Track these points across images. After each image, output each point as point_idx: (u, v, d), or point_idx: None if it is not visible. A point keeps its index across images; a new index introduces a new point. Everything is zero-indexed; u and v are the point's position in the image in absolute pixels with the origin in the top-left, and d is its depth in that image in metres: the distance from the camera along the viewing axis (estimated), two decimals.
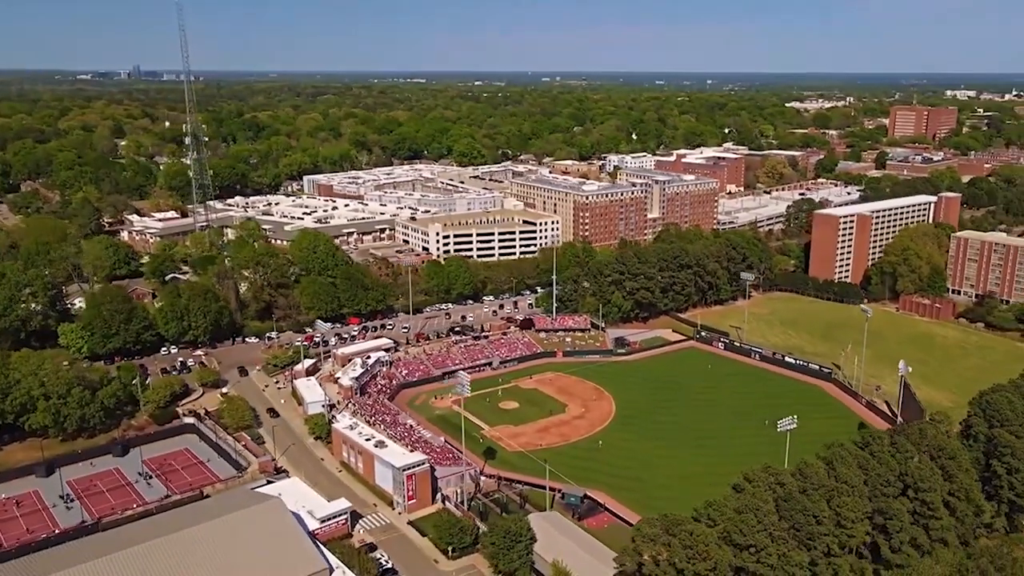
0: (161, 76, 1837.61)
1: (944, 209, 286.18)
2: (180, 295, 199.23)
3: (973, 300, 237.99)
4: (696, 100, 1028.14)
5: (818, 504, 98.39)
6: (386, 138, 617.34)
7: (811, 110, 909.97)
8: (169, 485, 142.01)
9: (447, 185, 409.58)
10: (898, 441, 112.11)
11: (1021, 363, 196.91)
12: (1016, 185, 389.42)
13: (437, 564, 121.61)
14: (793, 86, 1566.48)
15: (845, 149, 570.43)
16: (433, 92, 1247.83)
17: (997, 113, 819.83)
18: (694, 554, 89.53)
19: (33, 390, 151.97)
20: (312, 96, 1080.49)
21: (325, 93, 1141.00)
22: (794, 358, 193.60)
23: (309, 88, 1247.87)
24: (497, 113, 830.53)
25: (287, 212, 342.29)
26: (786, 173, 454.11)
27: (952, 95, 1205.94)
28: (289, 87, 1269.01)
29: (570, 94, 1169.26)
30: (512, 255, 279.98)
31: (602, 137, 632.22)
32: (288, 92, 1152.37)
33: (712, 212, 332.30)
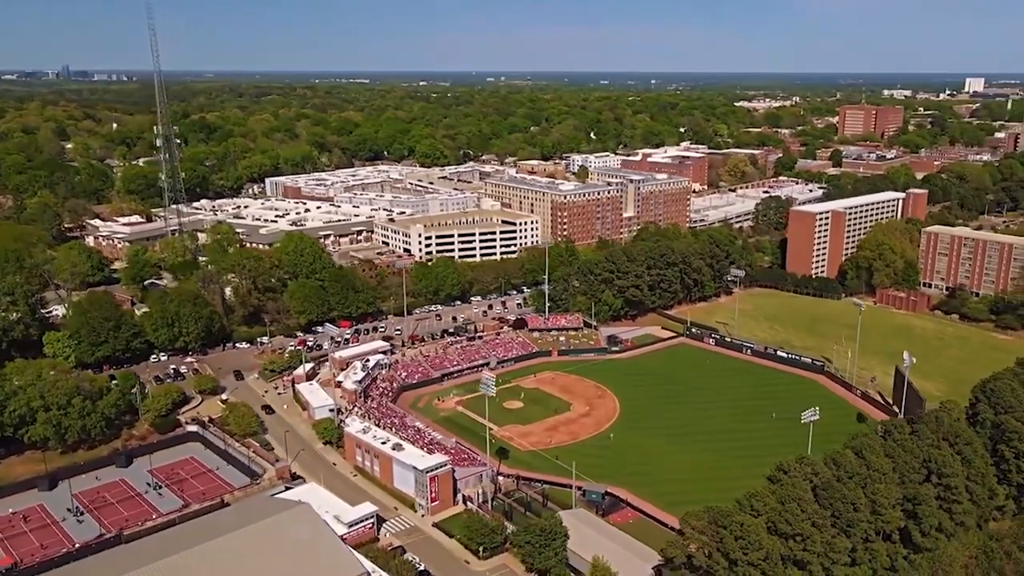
0: (92, 76, 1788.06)
1: (912, 205, 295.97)
2: (169, 301, 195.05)
3: (944, 293, 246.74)
4: (647, 99, 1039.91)
5: (855, 492, 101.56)
6: (345, 139, 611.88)
7: (760, 109, 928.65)
8: (181, 495, 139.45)
9: (416, 186, 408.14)
10: (919, 429, 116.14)
11: (998, 352, 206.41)
12: (968, 181, 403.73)
13: (469, 565, 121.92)
14: (736, 86, 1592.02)
15: (799, 148, 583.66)
16: (380, 92, 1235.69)
17: (937, 112, 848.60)
18: (746, 544, 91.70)
19: (33, 401, 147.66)
20: (256, 97, 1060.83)
21: (268, 94, 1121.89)
22: (786, 352, 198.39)
23: (251, 89, 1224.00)
24: (451, 113, 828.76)
25: (259, 215, 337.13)
26: (748, 171, 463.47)
27: (890, 94, 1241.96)
28: (230, 87, 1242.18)
29: (520, 94, 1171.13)
30: (493, 255, 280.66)
31: (562, 137, 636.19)
32: (230, 92, 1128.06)
33: (685, 210, 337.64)
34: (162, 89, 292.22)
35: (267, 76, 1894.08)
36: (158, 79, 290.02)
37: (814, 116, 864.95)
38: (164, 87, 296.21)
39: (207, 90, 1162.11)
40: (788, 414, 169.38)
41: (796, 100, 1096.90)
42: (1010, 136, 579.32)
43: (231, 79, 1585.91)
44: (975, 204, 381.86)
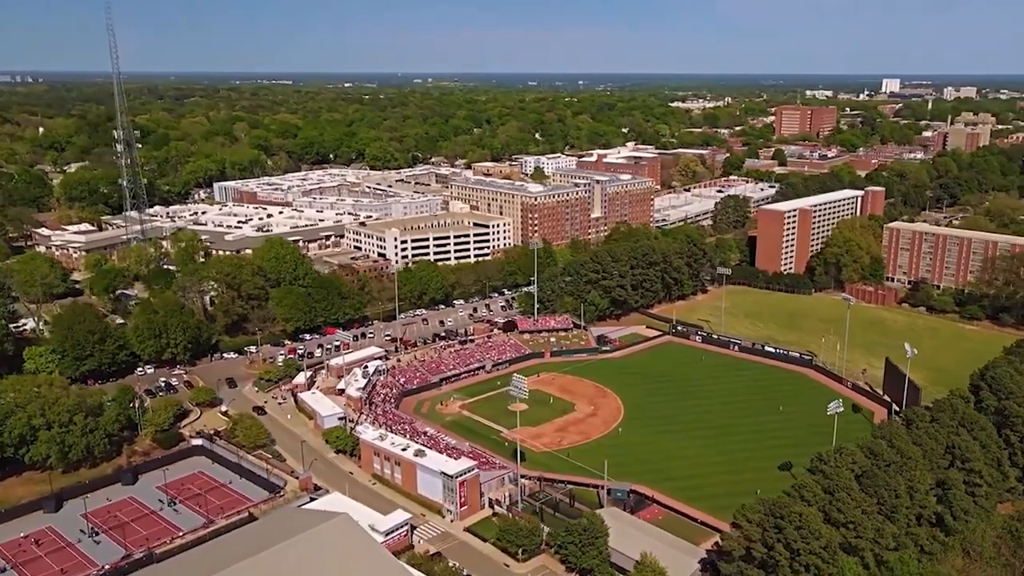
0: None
1: (870, 202, 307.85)
2: (155, 312, 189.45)
3: (907, 286, 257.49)
4: (585, 100, 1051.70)
5: (895, 479, 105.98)
6: (290, 142, 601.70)
7: (695, 110, 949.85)
8: (200, 511, 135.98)
9: (376, 190, 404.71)
10: (938, 417, 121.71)
11: (967, 342, 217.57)
12: (908, 178, 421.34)
13: (509, 568, 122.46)
14: (664, 87, 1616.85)
15: (741, 147, 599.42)
16: (309, 94, 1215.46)
17: (864, 112, 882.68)
18: (807, 534, 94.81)
19: (34, 419, 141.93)
20: (177, 99, 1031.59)
21: (190, 95, 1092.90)
22: (774, 347, 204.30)
23: (170, 90, 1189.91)
24: (390, 115, 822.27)
25: (220, 221, 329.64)
26: (699, 171, 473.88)
27: (812, 95, 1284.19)
28: (148, 89, 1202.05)
29: (454, 96, 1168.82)
30: (467, 258, 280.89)
31: (510, 138, 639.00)
32: (149, 95, 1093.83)
33: (649, 210, 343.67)
34: (121, 91, 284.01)
35: (182, 77, 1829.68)
36: (117, 81, 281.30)
37: (749, 116, 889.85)
38: (72, 88, 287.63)
39: (124, 91, 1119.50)
40: (789, 408, 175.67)
41: (729, 100, 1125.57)
42: (939, 135, 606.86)
43: (144, 79, 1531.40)
44: (917, 201, 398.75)
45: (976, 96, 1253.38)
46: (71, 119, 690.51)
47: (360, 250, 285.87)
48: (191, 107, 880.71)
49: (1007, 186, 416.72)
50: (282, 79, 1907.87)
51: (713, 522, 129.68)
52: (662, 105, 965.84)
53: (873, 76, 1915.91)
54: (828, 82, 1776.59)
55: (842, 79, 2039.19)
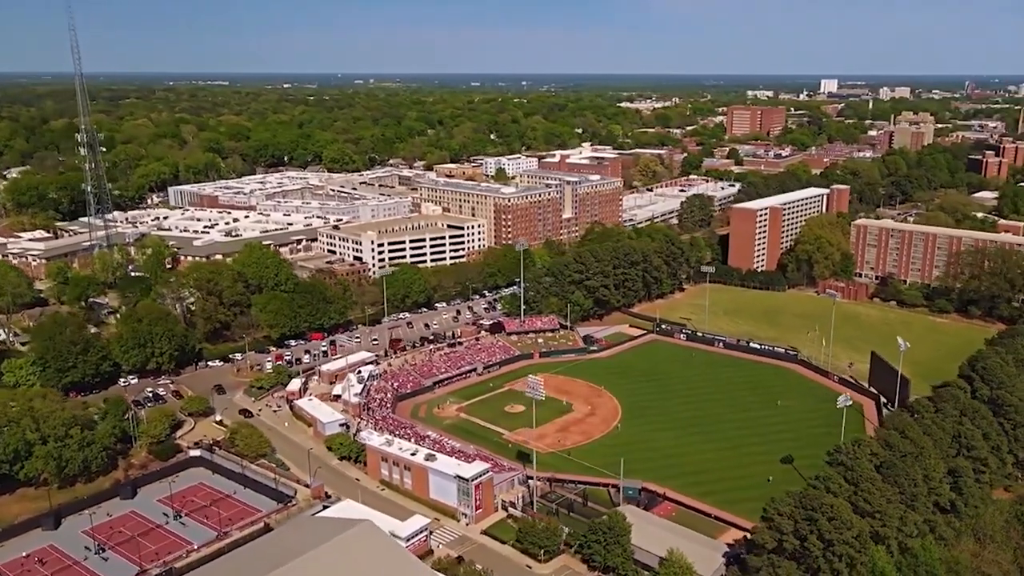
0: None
1: (836, 200, 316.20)
2: (139, 320, 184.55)
3: (875, 282, 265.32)
4: (535, 101, 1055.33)
5: (913, 468, 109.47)
6: (243, 145, 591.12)
7: (644, 110, 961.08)
8: (208, 523, 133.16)
9: (340, 192, 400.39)
10: (942, 407, 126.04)
11: (939, 335, 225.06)
12: (861, 176, 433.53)
13: (531, 569, 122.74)
14: (608, 87, 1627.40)
15: (696, 147, 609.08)
16: (251, 95, 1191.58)
17: (808, 111, 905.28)
18: (839, 524, 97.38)
19: (28, 434, 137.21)
20: (112, 100, 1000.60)
21: (124, 97, 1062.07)
22: (759, 343, 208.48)
23: (103, 91, 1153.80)
24: (339, 116, 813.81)
25: (184, 226, 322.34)
26: (658, 171, 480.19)
27: (753, 95, 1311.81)
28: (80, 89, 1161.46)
29: (399, 97, 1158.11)
30: (443, 260, 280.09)
31: (467, 140, 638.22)
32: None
33: (618, 210, 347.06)
34: (84, 92, 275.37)
35: (111, 78, 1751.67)
36: (80, 81, 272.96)
37: (699, 116, 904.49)
38: (3, 90, 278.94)
39: (52, 93, 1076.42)
40: (785, 402, 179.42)
41: (677, 100, 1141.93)
42: (885, 134, 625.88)
43: (68, 81, 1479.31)
44: (871, 198, 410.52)
45: (910, 96, 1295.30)
46: (3, 123, 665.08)
47: (335, 254, 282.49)
48: (129, 109, 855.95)
49: (955, 183, 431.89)
50: (216, 80, 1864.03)
51: (727, 517, 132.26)
52: (611, 105, 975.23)
53: (811, 77, 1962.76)
54: (768, 82, 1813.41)
55: (781, 79, 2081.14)
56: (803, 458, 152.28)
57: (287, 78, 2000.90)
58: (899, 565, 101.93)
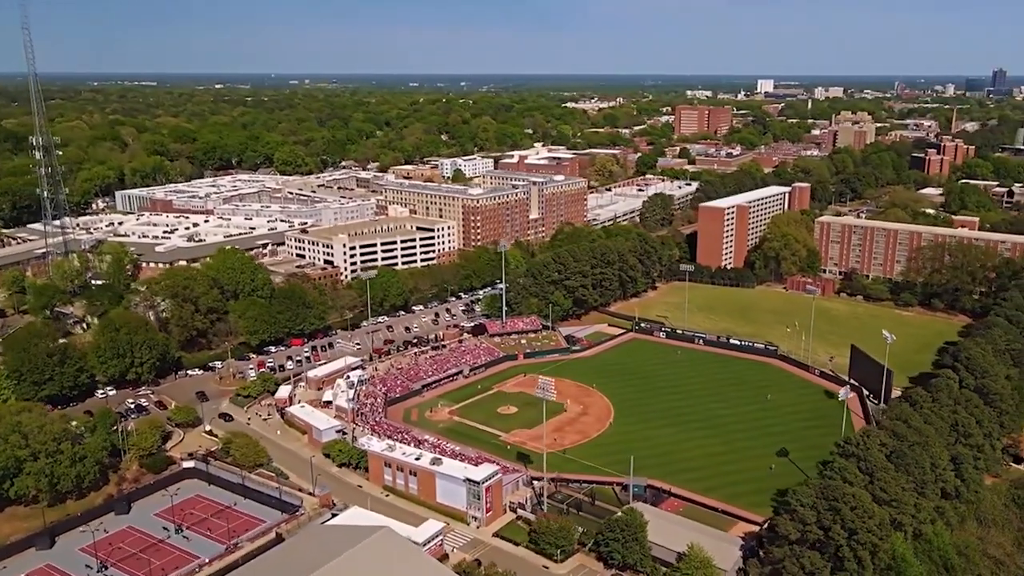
0: None
1: (798, 198, 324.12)
2: (118, 329, 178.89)
3: (839, 277, 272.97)
4: (481, 102, 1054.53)
5: (921, 456, 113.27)
6: (190, 147, 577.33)
7: (590, 110, 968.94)
8: (213, 536, 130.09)
9: (300, 195, 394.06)
10: (938, 397, 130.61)
11: (906, 327, 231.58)
12: (811, 174, 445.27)
13: (548, 569, 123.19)
14: (549, 88, 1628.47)
15: (647, 147, 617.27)
16: (183, 96, 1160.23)
17: (751, 111, 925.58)
18: (862, 513, 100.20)
19: (18, 450, 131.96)
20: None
21: (50, 98, 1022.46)
22: (738, 339, 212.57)
23: (24, 92, 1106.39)
24: (282, 118, 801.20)
25: (143, 231, 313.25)
26: (615, 171, 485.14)
27: (693, 95, 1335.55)
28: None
29: (340, 98, 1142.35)
30: (413, 263, 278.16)
31: (419, 141, 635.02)
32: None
33: (583, 210, 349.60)
34: (39, 93, 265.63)
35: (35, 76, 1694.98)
36: (34, 82, 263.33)
37: (645, 116, 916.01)
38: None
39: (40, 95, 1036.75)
40: (771, 396, 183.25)
41: (621, 100, 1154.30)
42: (829, 133, 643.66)
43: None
44: (823, 195, 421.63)
45: (844, 96, 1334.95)
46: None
47: (304, 258, 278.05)
48: (57, 110, 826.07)
49: (902, 180, 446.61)
50: (141, 80, 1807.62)
51: (734, 511, 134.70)
52: (558, 106, 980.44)
53: (747, 77, 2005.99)
54: (706, 82, 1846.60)
55: (718, 79, 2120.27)
56: (796, 451, 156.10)
57: (217, 78, 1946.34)
58: (914, 550, 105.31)
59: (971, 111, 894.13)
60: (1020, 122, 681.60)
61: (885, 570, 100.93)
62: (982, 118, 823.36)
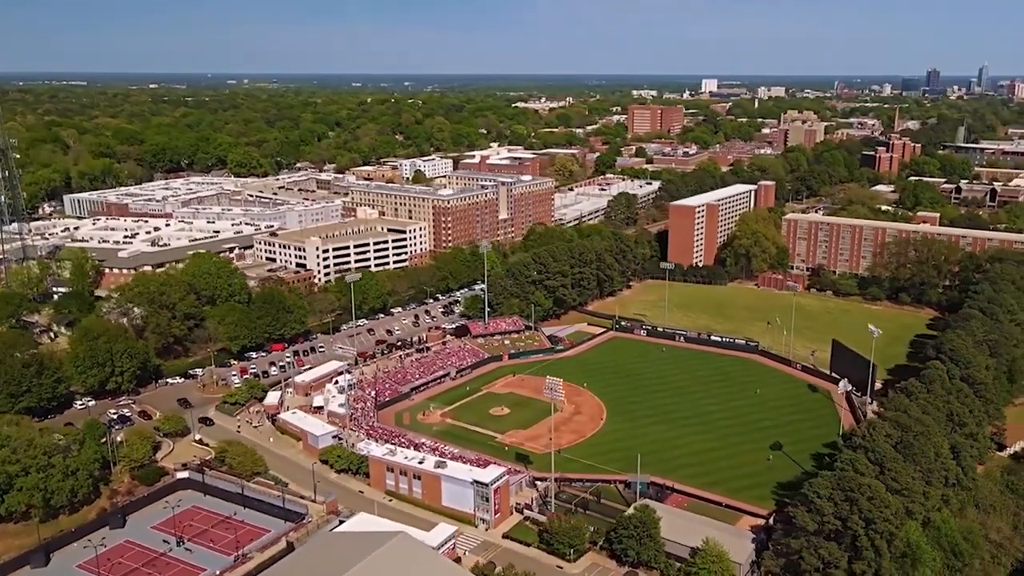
0: None
1: (763, 196, 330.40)
2: (96, 338, 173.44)
3: (806, 273, 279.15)
4: (431, 102, 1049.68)
5: (926, 446, 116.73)
6: (137, 149, 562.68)
7: (541, 111, 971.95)
8: (217, 548, 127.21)
9: (260, 198, 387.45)
10: (932, 388, 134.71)
11: (877, 320, 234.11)
12: (768, 173, 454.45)
13: (563, 569, 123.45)
14: (495, 88, 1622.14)
15: (603, 146, 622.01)
16: (118, 96, 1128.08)
17: (698, 110, 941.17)
18: (879, 503, 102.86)
19: (9, 466, 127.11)
20: None
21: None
22: (719, 336, 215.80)
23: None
24: (228, 119, 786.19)
25: (102, 236, 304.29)
26: (575, 171, 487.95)
27: (638, 95, 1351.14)
28: None
29: (286, 98, 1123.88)
30: (386, 265, 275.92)
31: (374, 142, 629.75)
32: None
33: (551, 210, 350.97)
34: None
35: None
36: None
37: (596, 115, 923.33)
38: None
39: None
40: (759, 391, 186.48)
41: (571, 100, 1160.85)
42: (780, 132, 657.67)
43: None
44: (780, 193, 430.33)
45: (786, 95, 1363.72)
46: None
47: (274, 261, 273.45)
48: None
49: (855, 178, 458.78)
50: (69, 80, 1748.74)
51: (738, 504, 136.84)
52: (508, 106, 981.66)
53: (691, 77, 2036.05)
54: (651, 82, 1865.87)
55: (662, 79, 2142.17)
56: (788, 444, 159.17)
57: (150, 78, 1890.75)
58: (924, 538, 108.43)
59: (911, 110, 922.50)
60: (959, 121, 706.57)
61: (900, 558, 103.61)
62: (921, 117, 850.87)
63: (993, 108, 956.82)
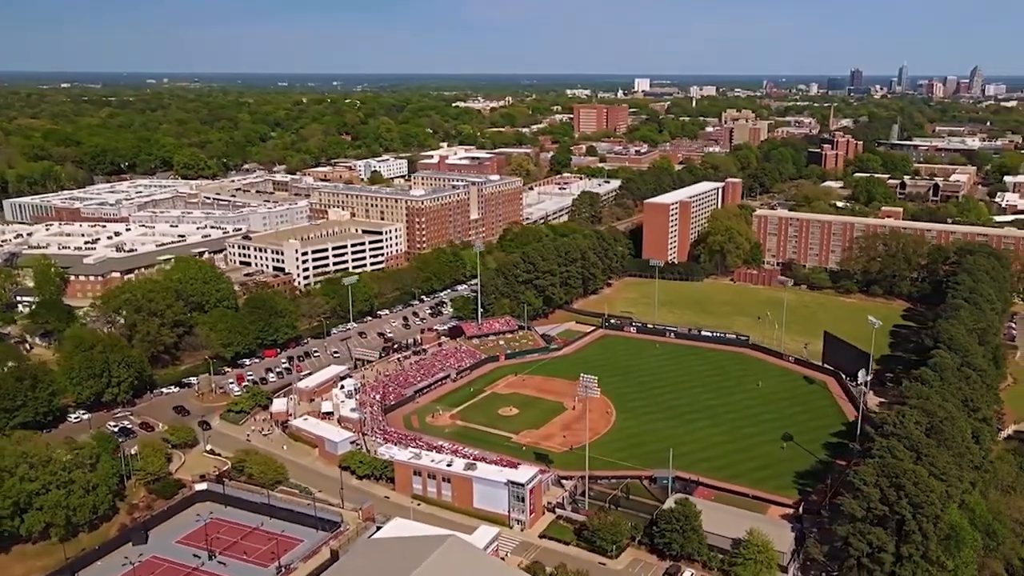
0: None
1: (731, 193, 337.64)
2: (91, 347, 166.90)
3: (777, 268, 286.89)
4: (371, 102, 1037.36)
5: (955, 430, 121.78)
6: (75, 151, 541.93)
7: (483, 110, 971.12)
8: (252, 560, 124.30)
9: (218, 200, 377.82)
10: (944, 376, 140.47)
11: (852, 312, 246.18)
12: (720, 170, 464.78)
13: (606, 566, 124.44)
14: (427, 87, 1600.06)
15: (552, 145, 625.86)
16: (33, 96, 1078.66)
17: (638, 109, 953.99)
18: (924, 487, 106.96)
19: (29, 483, 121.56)
20: None
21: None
22: (710, 331, 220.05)
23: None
24: (161, 119, 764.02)
25: (60, 243, 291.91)
26: (532, 170, 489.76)
27: (573, 94, 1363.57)
28: None
29: (216, 98, 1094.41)
30: (363, 267, 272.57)
31: (323, 142, 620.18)
32: None
33: (519, 210, 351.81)
34: None
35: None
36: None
37: (539, 115, 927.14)
38: None
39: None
40: (761, 384, 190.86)
41: (510, 100, 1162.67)
42: (725, 130, 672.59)
43: None
44: None
45: (717, 94, 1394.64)
46: None
47: (249, 265, 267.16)
48: None
49: (805, 175, 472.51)
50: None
51: (763, 495, 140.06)
52: (449, 106, 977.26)
53: (622, 76, 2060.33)
54: (584, 81, 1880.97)
55: (593, 78, 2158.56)
56: (796, 434, 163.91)
57: (61, 77, 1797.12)
58: None
59: (843, 109, 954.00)
60: (890, 119, 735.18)
61: (944, 540, 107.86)
62: (852, 115, 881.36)
63: (916, 107, 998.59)
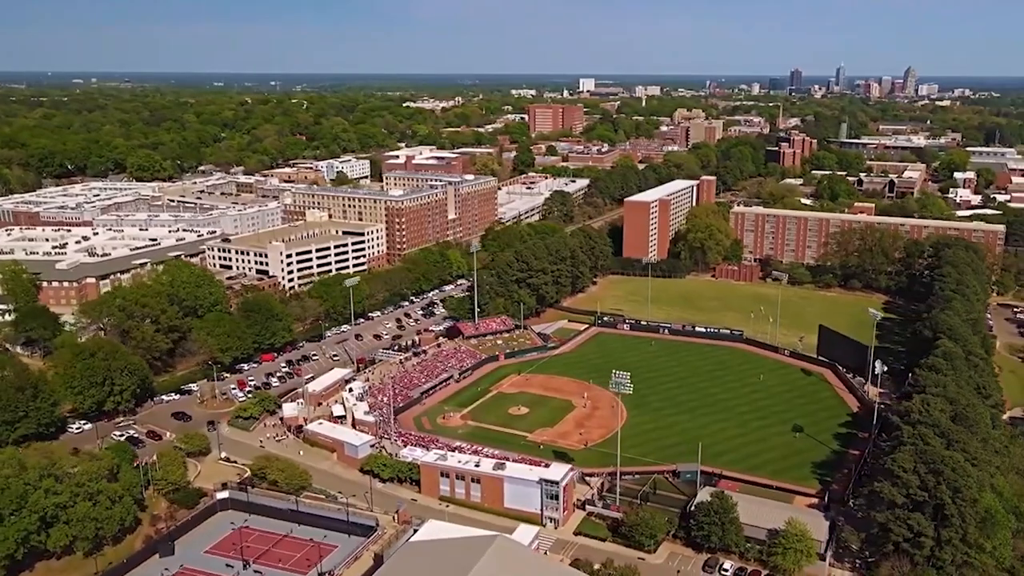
0: None
1: (706, 190, 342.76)
2: (92, 355, 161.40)
3: (755, 264, 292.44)
4: (319, 102, 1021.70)
5: (978, 416, 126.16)
6: (20, 153, 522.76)
7: (437, 111, 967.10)
8: (289, 568, 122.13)
9: (183, 202, 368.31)
10: (955, 365, 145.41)
11: (835, 305, 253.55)
12: (683, 168, 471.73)
13: (645, 560, 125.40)
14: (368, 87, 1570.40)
15: (511, 144, 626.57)
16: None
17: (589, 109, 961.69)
18: (962, 473, 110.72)
19: (57, 497, 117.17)
20: None
21: None
22: (704, 327, 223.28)
23: None
24: (101, 120, 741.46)
25: (25, 248, 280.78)
26: (496, 169, 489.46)
27: (518, 94, 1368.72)
28: None
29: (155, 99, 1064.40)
30: (346, 269, 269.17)
31: (280, 143, 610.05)
32: None
33: (494, 209, 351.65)
34: None
35: None
36: None
37: (492, 115, 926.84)
38: None
39: None
40: (760, 377, 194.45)
41: (460, 100, 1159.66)
42: (682, 129, 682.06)
43: None
44: None
45: (661, 94, 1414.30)
46: None
47: (230, 268, 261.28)
48: None
49: (765, 172, 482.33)
50: None
51: (787, 486, 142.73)
52: (399, 106, 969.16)
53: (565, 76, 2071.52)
54: (526, 81, 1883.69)
55: (537, 78, 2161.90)
56: (807, 425, 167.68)
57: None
58: None
59: (789, 108, 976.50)
60: (836, 118, 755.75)
61: (980, 523, 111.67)
62: (797, 115, 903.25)
63: (857, 106, 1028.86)
